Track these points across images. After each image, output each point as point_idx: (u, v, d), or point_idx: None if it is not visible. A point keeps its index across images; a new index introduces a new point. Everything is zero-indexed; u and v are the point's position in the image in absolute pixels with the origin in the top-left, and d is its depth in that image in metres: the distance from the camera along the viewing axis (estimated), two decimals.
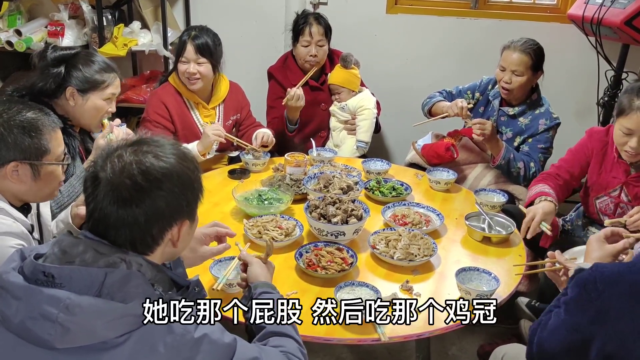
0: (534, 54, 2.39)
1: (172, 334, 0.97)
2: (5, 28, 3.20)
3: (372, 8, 3.28)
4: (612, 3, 2.64)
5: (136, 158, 1.03)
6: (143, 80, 3.33)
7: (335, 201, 1.87)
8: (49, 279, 0.95)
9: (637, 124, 1.86)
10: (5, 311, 0.96)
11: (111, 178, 1.01)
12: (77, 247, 1.00)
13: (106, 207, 1.01)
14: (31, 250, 1.05)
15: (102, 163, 1.04)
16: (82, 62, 1.92)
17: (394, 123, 3.33)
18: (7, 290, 0.96)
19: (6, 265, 1.01)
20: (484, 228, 1.98)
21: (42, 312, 0.92)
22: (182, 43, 2.40)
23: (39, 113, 1.41)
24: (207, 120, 2.53)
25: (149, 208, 1.02)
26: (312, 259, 1.68)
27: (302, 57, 2.77)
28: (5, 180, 1.37)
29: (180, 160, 1.07)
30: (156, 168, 1.03)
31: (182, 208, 1.07)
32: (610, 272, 1.15)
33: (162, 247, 1.07)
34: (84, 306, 0.92)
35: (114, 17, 3.17)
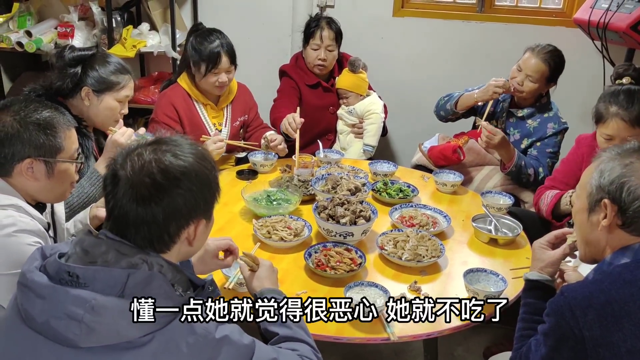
0: (554, 65, 2.40)
1: (195, 335, 0.99)
2: (15, 29, 3.23)
3: (378, 11, 3.30)
4: (618, 8, 2.66)
5: (155, 157, 1.05)
6: (151, 82, 3.36)
7: (343, 202, 1.89)
8: (73, 278, 0.97)
9: (616, 130, 1.91)
10: (29, 310, 0.97)
11: (131, 176, 1.03)
12: (100, 247, 1.02)
13: (126, 204, 1.03)
14: (52, 249, 1.07)
15: (121, 161, 1.06)
16: (98, 62, 1.95)
17: (400, 124, 3.34)
18: (31, 289, 0.98)
19: (29, 264, 1.02)
20: (491, 230, 1.99)
21: (68, 312, 0.94)
22: (216, 54, 2.37)
23: (54, 112, 1.44)
24: (215, 121, 2.55)
25: (167, 206, 1.03)
26: (322, 259, 1.70)
27: (310, 60, 2.79)
28: (21, 177, 1.39)
29: (198, 159, 1.09)
30: (175, 167, 1.04)
31: (200, 207, 1.08)
32: (582, 297, 1.14)
33: (178, 245, 1.09)
34: (109, 307, 0.94)
35: (123, 19, 3.20)
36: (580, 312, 1.12)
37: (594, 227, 1.24)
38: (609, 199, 1.20)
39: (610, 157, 1.23)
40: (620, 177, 1.18)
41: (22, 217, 1.35)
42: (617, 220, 1.20)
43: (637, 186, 1.17)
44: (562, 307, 1.15)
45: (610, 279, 1.16)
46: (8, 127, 1.36)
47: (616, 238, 1.22)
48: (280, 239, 1.82)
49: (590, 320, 1.11)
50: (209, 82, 2.43)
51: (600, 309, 1.12)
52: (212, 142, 2.29)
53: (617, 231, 1.21)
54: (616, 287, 1.13)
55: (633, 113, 1.89)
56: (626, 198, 1.17)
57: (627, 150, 1.22)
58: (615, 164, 1.20)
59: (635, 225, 1.19)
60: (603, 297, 1.12)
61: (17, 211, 1.36)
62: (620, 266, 1.19)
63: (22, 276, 1.02)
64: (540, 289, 1.41)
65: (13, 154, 1.37)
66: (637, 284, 1.13)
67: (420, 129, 3.13)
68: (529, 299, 1.40)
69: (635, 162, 1.19)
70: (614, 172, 1.20)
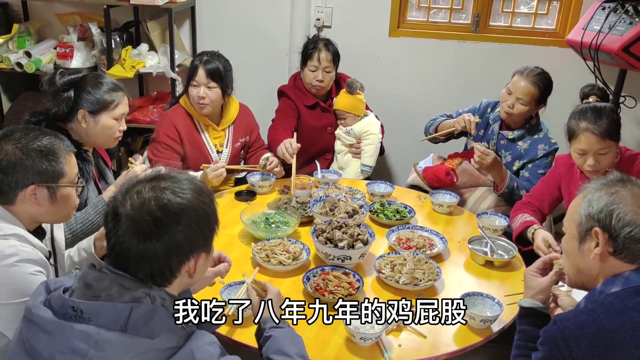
0: (543, 87, 2.44)
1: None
2: (15, 49, 3.27)
3: (374, 31, 3.35)
4: (609, 30, 2.71)
5: (154, 194, 1.07)
6: (150, 101, 3.39)
7: (341, 225, 1.91)
8: (77, 313, 1.00)
9: (587, 144, 1.99)
10: (35, 344, 1.00)
11: (131, 214, 1.06)
12: (103, 281, 1.05)
13: (127, 241, 1.05)
14: (56, 283, 1.09)
15: (121, 199, 1.08)
16: (90, 84, 1.97)
17: (396, 144, 3.38)
18: (36, 325, 1.01)
19: (34, 299, 1.05)
20: (487, 252, 2.02)
21: (72, 347, 0.96)
22: (194, 67, 2.46)
23: (54, 138, 1.47)
24: (216, 142, 2.58)
25: (168, 242, 1.06)
26: (320, 283, 1.73)
27: (308, 81, 2.83)
28: (24, 204, 1.41)
29: (196, 195, 1.12)
30: (174, 204, 1.07)
31: (199, 241, 1.11)
32: (575, 327, 1.16)
33: (179, 279, 1.12)
34: (112, 342, 0.97)
35: (122, 39, 3.24)
36: (573, 342, 1.14)
37: (586, 255, 1.26)
38: (599, 227, 1.22)
39: (596, 187, 1.26)
40: (608, 205, 1.22)
41: (24, 247, 1.37)
42: (609, 248, 1.22)
43: (625, 213, 1.20)
44: (556, 336, 1.17)
45: (602, 308, 1.18)
46: (11, 155, 1.39)
47: (608, 266, 1.24)
48: (278, 263, 1.84)
49: (583, 349, 1.13)
50: (192, 96, 2.48)
51: (593, 339, 1.14)
52: (212, 170, 2.32)
53: (609, 259, 1.24)
54: (608, 317, 1.16)
55: (602, 126, 1.97)
56: (616, 225, 1.20)
57: (611, 180, 1.27)
58: (602, 193, 1.24)
59: (627, 252, 1.21)
60: (595, 327, 1.15)
61: (19, 240, 1.38)
62: (611, 295, 1.21)
63: (28, 311, 1.04)
64: (534, 316, 1.43)
65: (17, 182, 1.39)
66: (628, 314, 1.15)
67: (416, 147, 3.15)
68: (523, 325, 1.42)
69: (620, 190, 1.23)
70: (602, 200, 1.23)
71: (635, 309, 1.16)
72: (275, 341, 1.28)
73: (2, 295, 1.31)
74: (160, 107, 3.28)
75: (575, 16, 3.14)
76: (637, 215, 1.19)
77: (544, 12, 3.29)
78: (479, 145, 2.40)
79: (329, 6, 3.33)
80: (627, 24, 2.67)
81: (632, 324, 1.14)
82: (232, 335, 1.53)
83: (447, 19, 3.38)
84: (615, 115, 2.04)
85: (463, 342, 1.57)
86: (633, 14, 2.69)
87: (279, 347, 1.27)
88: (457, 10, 3.36)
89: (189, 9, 3.38)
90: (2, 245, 1.34)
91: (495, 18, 3.35)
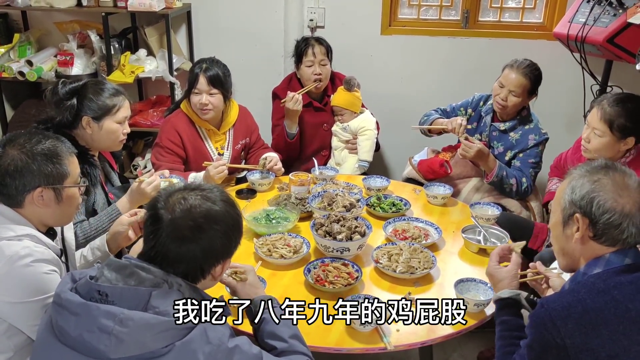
0: (534, 78, 2.53)
1: (210, 344, 1.11)
2: (16, 58, 3.34)
3: (367, 30, 3.43)
4: (594, 22, 2.79)
5: (196, 202, 1.19)
6: (149, 105, 3.46)
7: (339, 219, 1.99)
8: (102, 297, 1.10)
9: (590, 116, 2.13)
10: (64, 326, 1.10)
11: (175, 219, 1.17)
12: (125, 269, 1.15)
13: (168, 244, 1.16)
14: (81, 274, 1.19)
15: (163, 204, 1.19)
16: (91, 91, 2.03)
17: (391, 139, 3.46)
18: (65, 308, 1.11)
19: (62, 286, 1.16)
20: (480, 240, 2.10)
21: (99, 325, 1.06)
22: (195, 75, 2.52)
23: (56, 141, 1.53)
24: (217, 145, 2.66)
25: (206, 245, 1.18)
26: (320, 275, 1.80)
27: (307, 77, 2.90)
28: (32, 206, 1.48)
29: (230, 206, 1.25)
30: (213, 212, 1.20)
31: (230, 248, 1.25)
32: (561, 308, 1.22)
33: (204, 281, 1.24)
34: (135, 319, 1.07)
35: (121, 46, 3.31)
36: (561, 322, 1.21)
37: (569, 239, 1.34)
38: (580, 213, 1.30)
39: (580, 174, 1.33)
40: (589, 192, 1.29)
41: (37, 247, 1.44)
42: (589, 233, 1.30)
43: (605, 200, 1.27)
44: (544, 318, 1.24)
45: (585, 288, 1.25)
46: (17, 160, 1.45)
47: (589, 249, 1.32)
48: (280, 257, 1.92)
49: (570, 329, 1.20)
50: (193, 103, 2.55)
51: (579, 317, 1.21)
52: (214, 167, 2.38)
53: (590, 243, 1.31)
54: (591, 296, 1.23)
55: (607, 110, 2.06)
56: (596, 212, 1.27)
57: (595, 167, 1.33)
58: (585, 180, 1.31)
59: (606, 237, 1.29)
60: (580, 307, 1.22)
61: (32, 241, 1.45)
62: (593, 276, 1.29)
63: (57, 296, 1.14)
64: (514, 306, 1.50)
65: (24, 185, 1.46)
66: (610, 293, 1.23)
67: (411, 142, 3.24)
68: (504, 316, 1.48)
69: (602, 178, 1.30)
70: (584, 188, 1.30)
71: (617, 287, 1.24)
72: (268, 324, 1.38)
73: (20, 294, 1.39)
74: (160, 110, 3.35)
75: (562, 10, 3.22)
76: (616, 202, 1.26)
77: (531, 7, 3.38)
78: (463, 139, 2.51)
79: (321, 7, 3.40)
80: (611, 15, 2.75)
81: (614, 301, 1.22)
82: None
83: (438, 16, 3.46)
84: (637, 114, 2.03)
85: (457, 326, 1.62)
86: (616, 5, 2.76)
87: (273, 331, 1.36)
88: (447, 7, 3.44)
89: (185, 14, 3.45)
90: (17, 247, 1.41)
91: (484, 13, 3.42)
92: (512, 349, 1.40)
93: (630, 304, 1.21)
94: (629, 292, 1.23)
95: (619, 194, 1.27)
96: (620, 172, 1.31)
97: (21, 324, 1.42)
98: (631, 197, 1.27)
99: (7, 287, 1.38)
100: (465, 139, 2.52)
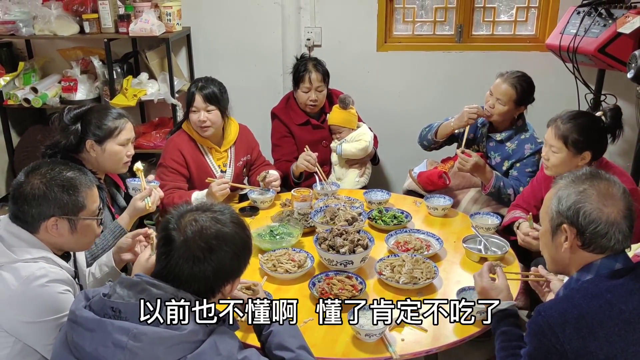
0: (520, 89, 2.58)
1: (220, 356, 1.15)
2: (21, 86, 3.41)
3: (363, 47, 3.50)
4: (585, 33, 2.85)
5: (208, 224, 1.23)
6: (152, 127, 3.53)
7: (342, 232, 2.03)
8: (116, 313, 1.15)
9: (547, 135, 2.16)
10: (79, 342, 1.14)
11: (187, 239, 1.21)
12: (137, 286, 1.19)
13: (181, 264, 1.20)
14: (94, 292, 1.23)
15: (175, 226, 1.23)
16: (94, 115, 2.10)
17: (390, 152, 3.51)
18: (80, 324, 1.15)
19: (77, 304, 1.20)
20: (481, 249, 2.14)
21: (114, 341, 1.10)
22: (191, 94, 2.59)
23: (77, 173, 1.58)
24: (220, 162, 2.71)
25: (217, 265, 1.22)
26: (325, 288, 1.84)
27: (302, 102, 2.98)
28: (47, 234, 1.53)
29: (240, 227, 1.29)
30: (224, 232, 1.24)
31: (240, 268, 1.29)
32: (558, 314, 1.26)
33: (215, 299, 1.27)
34: (149, 334, 1.11)
35: (123, 70, 3.39)
36: (559, 328, 1.24)
37: (558, 248, 1.38)
38: (567, 223, 1.34)
39: (566, 184, 1.38)
40: (575, 203, 1.33)
41: (52, 268, 1.49)
42: (577, 242, 1.34)
43: (591, 210, 1.31)
44: (542, 326, 1.27)
45: (579, 294, 1.29)
46: (35, 189, 1.50)
47: (579, 257, 1.36)
48: (285, 272, 1.95)
49: (569, 334, 1.23)
50: (193, 122, 2.61)
51: (576, 322, 1.24)
52: (217, 184, 2.43)
53: (579, 251, 1.35)
54: (586, 300, 1.27)
55: (562, 128, 2.10)
56: (582, 221, 1.32)
57: (580, 177, 1.37)
58: (571, 190, 1.35)
59: (594, 245, 1.33)
60: (576, 312, 1.25)
61: (47, 263, 1.50)
62: (586, 282, 1.33)
63: (72, 314, 1.18)
64: (512, 317, 1.53)
65: (39, 214, 1.50)
66: (603, 296, 1.27)
67: (410, 155, 3.29)
68: (503, 327, 1.51)
69: (588, 188, 1.34)
70: (570, 198, 1.34)
71: (609, 290, 1.28)
72: (275, 336, 1.41)
73: (36, 313, 1.43)
74: (163, 132, 3.41)
75: (553, 21, 3.29)
76: (601, 212, 1.31)
77: (523, 20, 3.45)
78: (460, 153, 2.56)
79: (318, 26, 3.48)
80: (602, 26, 2.81)
81: (608, 304, 1.25)
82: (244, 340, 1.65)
83: (432, 31, 3.54)
84: (588, 129, 2.06)
85: (462, 334, 1.68)
86: (606, 16, 2.83)
87: (280, 342, 1.40)
88: (441, 23, 3.52)
89: (185, 37, 3.53)
90: (33, 268, 1.46)
91: (478, 28, 3.50)
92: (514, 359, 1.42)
93: (624, 306, 1.25)
94: (622, 294, 1.27)
95: (603, 203, 1.31)
96: (605, 180, 1.35)
97: (36, 344, 1.46)
98: (616, 206, 1.31)
99: (24, 306, 1.42)
100: (462, 152, 2.57)
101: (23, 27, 3.23)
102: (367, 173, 3.10)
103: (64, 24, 3.23)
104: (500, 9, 3.47)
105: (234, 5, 3.47)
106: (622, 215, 1.31)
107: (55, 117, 2.11)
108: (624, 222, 1.31)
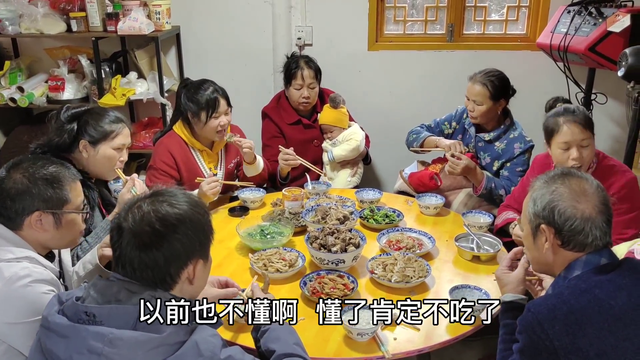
0: (491, 85, 2.57)
1: (202, 357, 1.11)
2: (7, 85, 3.36)
3: (354, 46, 3.48)
4: (575, 31, 2.86)
5: (153, 207, 1.19)
6: (141, 127, 3.48)
7: (333, 231, 2.00)
8: (90, 317, 1.10)
9: (571, 134, 2.04)
10: (53, 349, 1.09)
11: (132, 227, 1.17)
12: (111, 288, 1.15)
13: (130, 252, 1.16)
14: (67, 295, 1.19)
15: (124, 214, 1.20)
16: (92, 116, 2.07)
17: (381, 152, 3.49)
18: (53, 331, 1.10)
19: (49, 309, 1.15)
20: (473, 248, 2.12)
21: (89, 347, 1.06)
22: (213, 99, 2.53)
23: (60, 167, 1.56)
24: (210, 165, 2.67)
25: (166, 250, 1.17)
26: (316, 287, 1.82)
27: (295, 100, 2.95)
28: (31, 229, 1.50)
29: (191, 206, 1.23)
30: (171, 215, 1.19)
31: (196, 248, 1.22)
32: (547, 310, 1.26)
33: (180, 284, 1.22)
34: (125, 339, 1.06)
35: (112, 69, 3.35)
36: (548, 325, 1.24)
37: (540, 249, 1.39)
38: (545, 223, 1.35)
39: (539, 185, 1.39)
40: (549, 202, 1.34)
41: (35, 268, 1.45)
42: (557, 241, 1.34)
43: (565, 208, 1.32)
44: (531, 322, 1.27)
45: (568, 290, 1.29)
46: (18, 183, 1.48)
47: (561, 257, 1.36)
48: (276, 271, 1.93)
49: (558, 330, 1.23)
50: (211, 128, 2.55)
51: (565, 318, 1.24)
52: (206, 183, 2.40)
53: (561, 251, 1.35)
54: (575, 297, 1.26)
55: (580, 116, 2.06)
56: (559, 220, 1.32)
57: (553, 177, 1.39)
58: (544, 191, 1.36)
59: (573, 243, 1.33)
60: (565, 308, 1.25)
61: (30, 262, 1.46)
62: (574, 278, 1.32)
63: (44, 320, 1.14)
64: (517, 309, 1.51)
65: (23, 208, 1.48)
66: (592, 292, 1.26)
67: (401, 155, 3.27)
68: (507, 319, 1.50)
69: (559, 187, 1.35)
70: (544, 199, 1.35)
71: (598, 286, 1.28)
72: (272, 332, 1.38)
73: (19, 314, 1.39)
74: (152, 132, 3.37)
75: (544, 21, 3.30)
76: (575, 209, 1.31)
77: (514, 19, 3.45)
78: (449, 156, 2.56)
79: (308, 25, 3.46)
80: (592, 25, 2.82)
81: (596, 300, 1.25)
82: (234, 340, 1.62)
83: (423, 31, 3.53)
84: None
85: (454, 332, 1.66)
86: (596, 15, 2.84)
87: (277, 337, 1.37)
88: (432, 22, 3.51)
89: (175, 36, 3.50)
90: (16, 268, 1.42)
91: (469, 27, 3.50)
92: (510, 353, 1.41)
93: (612, 301, 1.25)
94: (610, 290, 1.27)
95: (576, 200, 1.32)
96: (576, 177, 1.37)
97: (20, 345, 1.41)
98: (589, 202, 1.32)
99: (7, 307, 1.38)
100: (452, 155, 2.55)
101: (9, 26, 3.19)
102: (358, 173, 3.09)
103: (51, 23, 3.18)
104: (491, 8, 3.47)
105: (224, 4, 3.45)
106: (597, 210, 1.32)
107: (52, 115, 2.08)
108: (599, 217, 1.32)
